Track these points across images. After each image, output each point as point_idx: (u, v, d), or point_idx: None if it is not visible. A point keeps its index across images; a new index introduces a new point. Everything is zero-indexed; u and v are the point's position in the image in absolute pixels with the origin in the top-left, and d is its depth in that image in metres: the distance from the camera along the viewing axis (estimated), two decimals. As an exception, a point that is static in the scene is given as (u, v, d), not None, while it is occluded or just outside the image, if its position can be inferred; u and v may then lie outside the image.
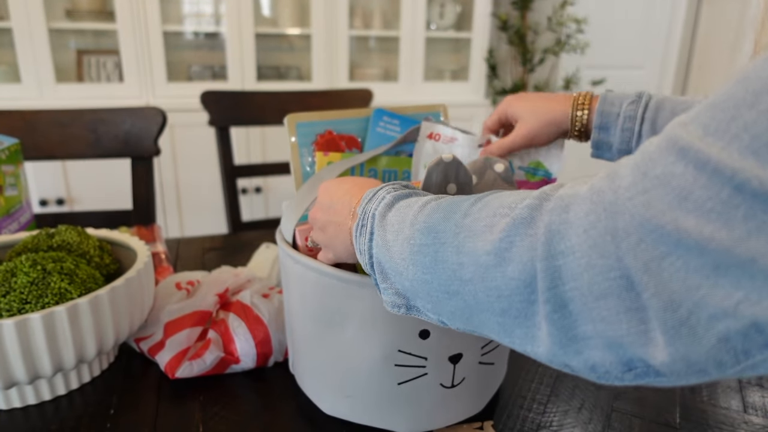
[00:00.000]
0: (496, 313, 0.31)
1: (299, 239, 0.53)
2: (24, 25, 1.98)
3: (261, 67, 2.40)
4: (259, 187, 2.30)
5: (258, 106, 1.33)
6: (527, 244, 0.28)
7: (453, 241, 0.32)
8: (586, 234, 0.25)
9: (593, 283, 0.25)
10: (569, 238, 0.26)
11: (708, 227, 0.21)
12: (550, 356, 0.29)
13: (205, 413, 0.55)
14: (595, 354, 0.27)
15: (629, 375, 0.26)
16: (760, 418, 0.56)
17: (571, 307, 0.26)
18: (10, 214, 0.79)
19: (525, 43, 2.64)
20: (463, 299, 0.32)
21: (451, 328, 0.36)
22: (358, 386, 0.50)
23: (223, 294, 0.66)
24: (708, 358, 0.23)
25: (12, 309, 0.52)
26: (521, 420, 0.55)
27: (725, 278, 0.21)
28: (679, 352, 0.23)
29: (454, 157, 0.42)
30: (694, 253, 0.22)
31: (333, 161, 0.61)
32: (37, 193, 2.05)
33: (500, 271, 0.29)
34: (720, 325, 0.22)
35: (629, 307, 0.24)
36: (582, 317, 0.26)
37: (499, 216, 0.31)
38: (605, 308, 0.25)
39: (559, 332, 0.27)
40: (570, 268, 0.26)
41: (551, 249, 0.27)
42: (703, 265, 0.21)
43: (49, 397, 0.57)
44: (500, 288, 0.30)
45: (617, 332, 0.25)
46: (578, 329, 0.27)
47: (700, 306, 0.22)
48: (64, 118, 1.07)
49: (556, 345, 0.28)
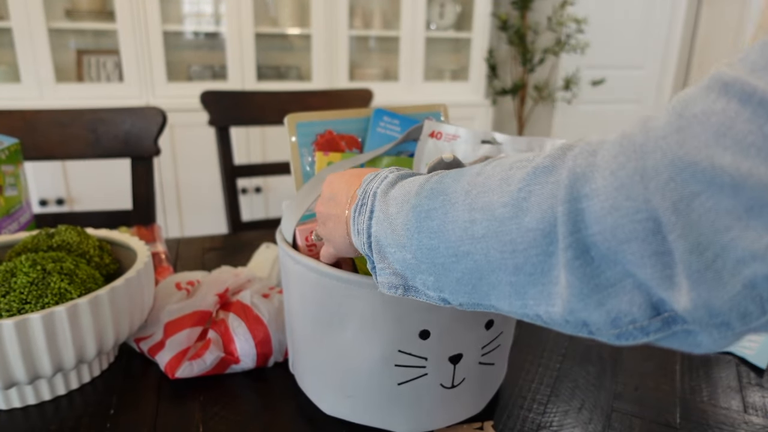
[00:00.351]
0: (509, 272, 0.29)
1: (299, 239, 0.53)
2: (24, 24, 1.98)
3: (261, 67, 2.40)
4: (259, 187, 2.30)
5: (258, 106, 1.33)
6: (548, 191, 0.26)
7: (465, 199, 0.31)
8: (613, 176, 0.24)
9: (618, 226, 0.24)
10: (594, 181, 0.24)
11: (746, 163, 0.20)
12: (567, 314, 0.27)
13: (205, 413, 0.55)
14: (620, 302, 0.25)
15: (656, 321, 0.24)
16: (761, 418, 0.56)
17: (594, 252, 0.25)
18: (9, 214, 0.79)
19: (525, 43, 2.64)
20: (473, 260, 0.30)
21: (452, 304, 0.34)
22: (358, 386, 0.50)
23: (223, 294, 0.66)
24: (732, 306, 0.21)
25: (12, 309, 0.52)
26: (521, 420, 0.55)
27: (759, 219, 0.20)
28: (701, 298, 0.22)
29: (455, 157, 0.42)
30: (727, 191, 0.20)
31: (333, 161, 0.61)
32: (37, 193, 2.05)
33: (516, 223, 0.28)
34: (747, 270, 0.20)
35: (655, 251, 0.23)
36: (606, 262, 0.25)
37: (516, 168, 0.29)
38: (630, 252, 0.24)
39: (580, 282, 0.26)
40: (594, 212, 0.24)
41: (574, 192, 0.25)
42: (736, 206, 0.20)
43: (49, 397, 0.57)
44: (515, 241, 0.28)
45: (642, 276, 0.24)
46: (602, 276, 0.25)
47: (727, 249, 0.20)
48: (64, 118, 1.07)
49: (576, 298, 0.26)
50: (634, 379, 0.62)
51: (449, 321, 0.46)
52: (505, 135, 0.64)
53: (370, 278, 0.45)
